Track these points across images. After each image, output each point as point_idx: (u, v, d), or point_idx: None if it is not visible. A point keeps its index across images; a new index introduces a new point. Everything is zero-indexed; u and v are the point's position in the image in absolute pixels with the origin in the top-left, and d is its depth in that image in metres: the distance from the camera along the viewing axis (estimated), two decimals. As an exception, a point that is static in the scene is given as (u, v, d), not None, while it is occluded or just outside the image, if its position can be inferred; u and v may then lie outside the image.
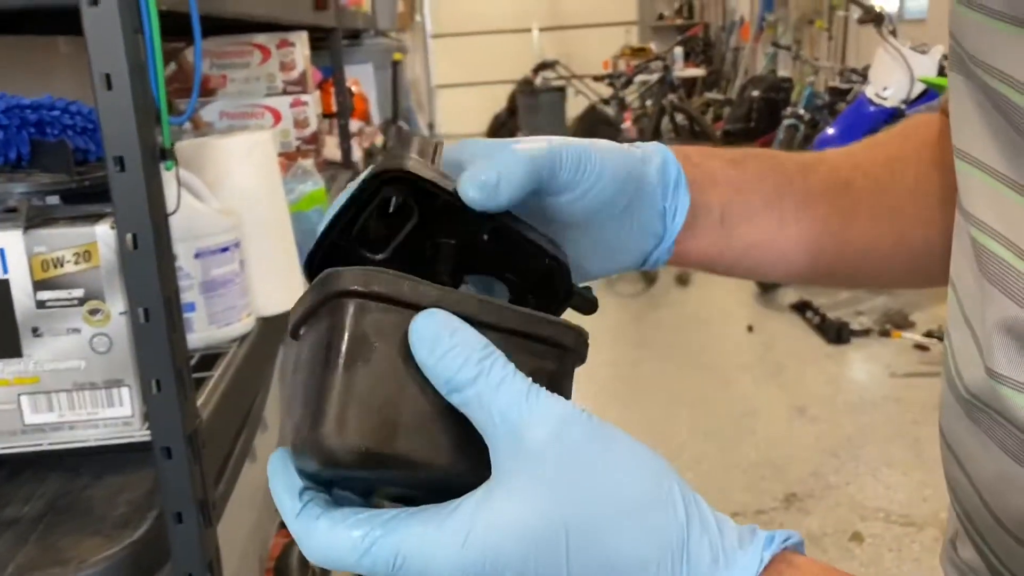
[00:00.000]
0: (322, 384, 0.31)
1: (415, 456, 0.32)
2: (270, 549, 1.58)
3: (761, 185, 0.50)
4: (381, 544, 0.31)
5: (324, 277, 0.33)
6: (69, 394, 0.84)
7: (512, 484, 0.31)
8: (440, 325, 0.32)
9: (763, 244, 0.50)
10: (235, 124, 1.86)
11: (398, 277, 0.33)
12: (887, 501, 2.19)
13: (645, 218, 0.46)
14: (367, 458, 0.31)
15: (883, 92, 3.59)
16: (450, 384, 0.32)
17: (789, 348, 3.27)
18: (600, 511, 0.31)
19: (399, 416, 0.32)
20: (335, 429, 0.31)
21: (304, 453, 0.32)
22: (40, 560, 0.77)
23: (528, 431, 0.31)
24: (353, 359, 0.31)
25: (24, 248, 0.79)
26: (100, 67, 0.71)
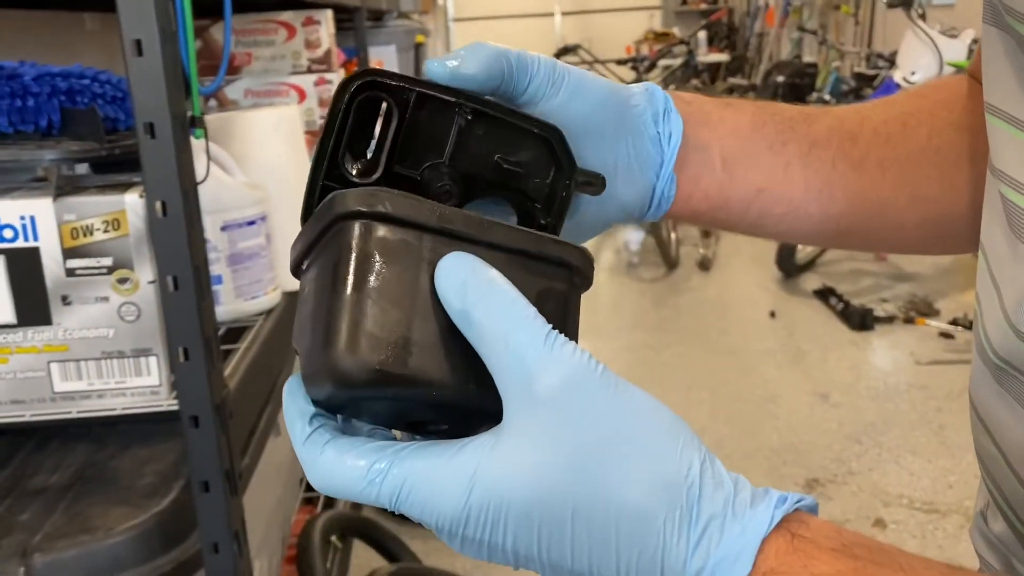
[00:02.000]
0: (332, 305, 0.31)
1: (426, 376, 0.31)
2: (292, 526, 1.58)
3: (762, 129, 0.48)
4: (387, 474, 0.31)
5: (326, 202, 0.33)
6: (98, 362, 0.84)
7: (521, 429, 0.31)
8: (467, 265, 0.32)
9: (769, 190, 0.48)
10: (260, 102, 1.86)
11: (401, 195, 0.32)
12: (910, 488, 2.17)
13: (639, 146, 0.45)
14: (379, 376, 0.30)
15: (911, 76, 3.54)
16: (469, 319, 0.31)
17: (812, 334, 3.24)
18: (609, 461, 0.30)
19: (411, 335, 0.31)
20: (347, 347, 0.30)
21: (317, 376, 0.32)
22: (68, 528, 0.78)
23: (541, 377, 0.31)
24: (362, 279, 0.31)
25: (54, 216, 0.79)
26: (131, 33, 0.71)
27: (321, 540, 1.46)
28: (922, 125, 0.51)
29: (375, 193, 0.32)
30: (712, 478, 0.31)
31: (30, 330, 0.82)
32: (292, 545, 1.53)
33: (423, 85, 0.37)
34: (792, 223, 0.50)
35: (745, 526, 0.30)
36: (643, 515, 0.30)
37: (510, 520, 0.30)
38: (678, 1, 10.04)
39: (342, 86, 0.36)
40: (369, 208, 0.32)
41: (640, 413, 0.31)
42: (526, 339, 0.31)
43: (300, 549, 1.45)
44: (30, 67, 0.84)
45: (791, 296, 3.65)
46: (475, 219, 0.33)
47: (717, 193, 0.48)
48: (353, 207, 0.32)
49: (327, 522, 1.53)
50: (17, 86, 0.80)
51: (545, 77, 0.41)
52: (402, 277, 0.32)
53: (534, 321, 0.31)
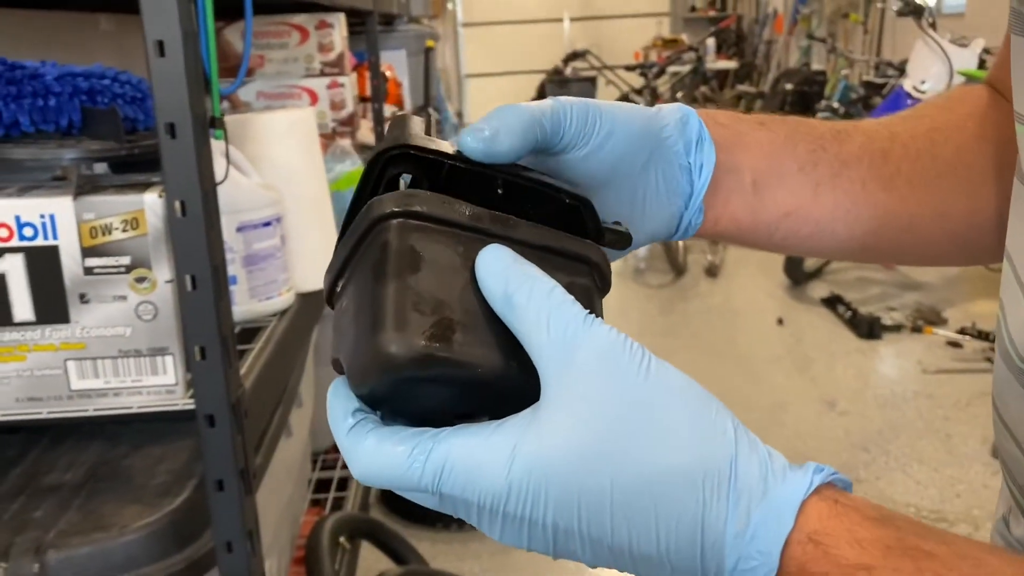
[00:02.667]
0: (377, 295, 0.32)
1: (470, 356, 0.32)
2: (300, 526, 1.59)
3: (794, 149, 0.49)
4: (429, 455, 0.32)
5: (362, 213, 0.34)
6: (114, 361, 0.85)
7: (560, 402, 0.31)
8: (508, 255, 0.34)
9: (798, 212, 0.49)
10: (272, 104, 1.87)
11: (433, 196, 0.34)
12: (918, 497, 2.17)
13: (669, 176, 0.45)
14: (426, 357, 0.31)
15: (921, 85, 3.54)
16: (511, 303, 0.33)
17: (819, 342, 3.24)
18: (646, 429, 0.31)
19: (454, 318, 0.33)
20: (395, 329, 0.31)
21: (365, 365, 0.32)
22: (82, 525, 0.78)
23: (579, 352, 0.32)
24: (404, 270, 0.32)
25: (74, 214, 0.80)
26: (153, 34, 0.71)
27: (330, 541, 1.46)
28: (949, 141, 0.51)
29: (409, 194, 0.34)
30: (747, 443, 0.32)
31: (48, 328, 0.83)
32: (301, 546, 1.53)
33: (455, 159, 0.37)
34: (817, 243, 0.50)
35: (785, 488, 0.31)
36: (681, 479, 0.31)
37: (551, 492, 0.31)
38: (687, 7, 10.05)
39: (375, 157, 0.36)
40: (405, 208, 0.34)
41: (673, 384, 0.32)
42: (566, 319, 0.32)
43: (309, 550, 1.45)
44: (51, 67, 0.84)
45: (799, 303, 3.65)
46: (502, 217, 0.35)
47: (745, 215, 0.48)
48: (389, 208, 0.33)
49: (336, 523, 1.53)
50: (39, 85, 0.81)
51: (577, 129, 0.41)
52: (440, 268, 0.33)
53: (573, 304, 0.33)
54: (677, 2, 10.06)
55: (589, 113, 0.41)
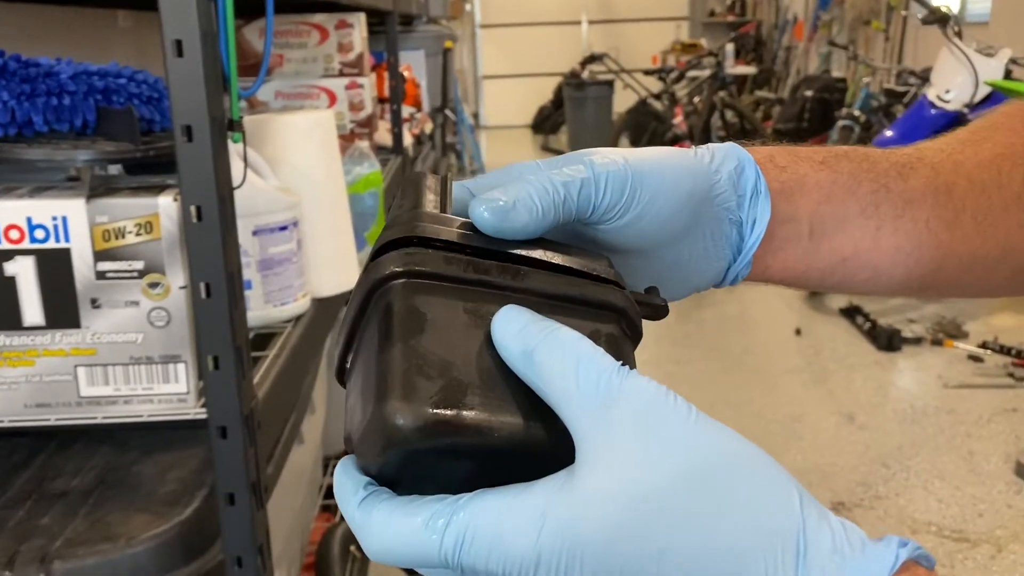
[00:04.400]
0: (382, 362, 0.30)
1: (486, 420, 0.29)
2: (311, 533, 1.57)
3: (856, 190, 0.45)
4: (449, 522, 0.29)
5: (362, 277, 0.33)
6: (125, 368, 0.83)
7: (598, 463, 0.28)
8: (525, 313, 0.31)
9: (856, 258, 0.46)
10: (290, 104, 1.85)
11: (434, 253, 0.32)
12: (939, 515, 2.13)
13: (718, 233, 0.42)
14: (435, 428, 0.29)
15: (945, 95, 3.49)
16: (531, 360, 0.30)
17: (838, 353, 3.19)
18: (700, 495, 0.28)
19: (465, 380, 0.30)
20: (398, 400, 0.29)
21: (371, 437, 0.30)
22: (89, 535, 0.76)
23: (616, 407, 0.29)
24: (409, 332, 0.30)
25: (86, 217, 0.78)
26: (172, 33, 0.69)
27: (340, 550, 1.44)
28: (1016, 168, 0.48)
29: (409, 254, 0.32)
30: (815, 512, 0.28)
31: (58, 332, 0.81)
32: (311, 552, 1.51)
33: (465, 245, 0.34)
34: (873, 286, 0.47)
35: (866, 562, 0.27)
36: (741, 554, 0.27)
37: (586, 563, 0.28)
38: (706, 12, 10.02)
39: (379, 249, 0.34)
40: (405, 267, 0.32)
41: (727, 445, 0.29)
42: (597, 370, 0.29)
43: (319, 559, 1.43)
44: (66, 65, 0.82)
45: (816, 313, 3.61)
46: (510, 269, 0.33)
47: (798, 264, 0.45)
48: (389, 269, 0.32)
49: (346, 532, 1.51)
50: (53, 84, 0.79)
51: (613, 202, 0.37)
52: (447, 328, 0.31)
53: (603, 356, 0.30)
54: (696, 6, 10.02)
55: (628, 183, 0.37)
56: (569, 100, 8.27)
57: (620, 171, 0.37)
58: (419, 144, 3.04)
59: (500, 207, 0.34)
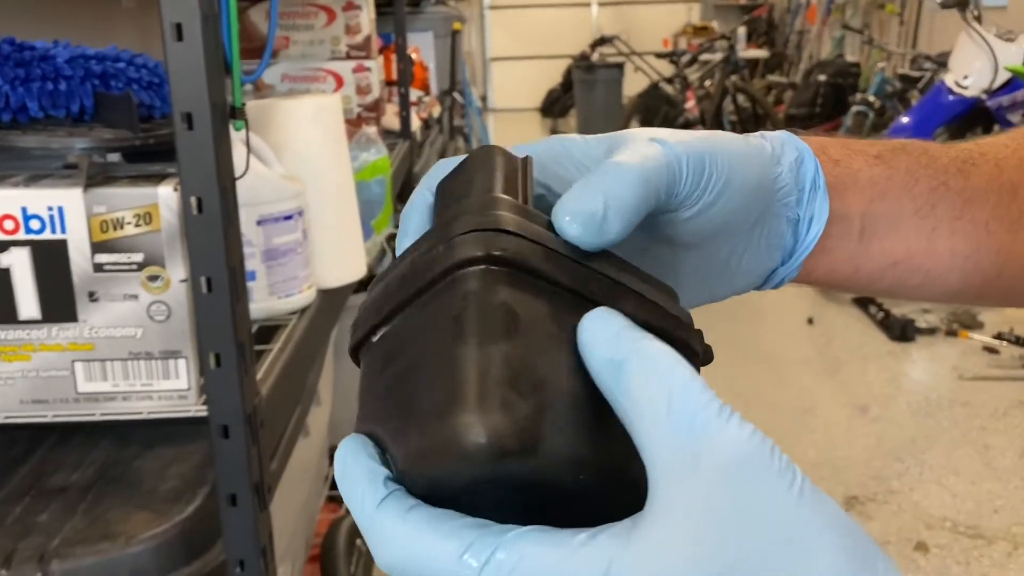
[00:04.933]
0: (458, 364, 0.25)
1: (578, 457, 0.26)
2: (316, 524, 1.55)
3: (913, 187, 0.41)
4: (491, 558, 0.25)
5: (434, 252, 0.27)
6: (124, 363, 0.80)
7: (676, 515, 0.24)
8: (619, 319, 0.27)
9: (909, 260, 0.42)
10: (296, 87, 1.82)
11: (529, 244, 0.27)
12: (954, 511, 2.10)
13: (774, 230, 0.38)
14: (525, 455, 0.24)
15: (963, 80, 3.43)
16: (619, 373, 0.26)
17: (850, 343, 3.15)
18: (793, 569, 0.24)
19: (556, 400, 0.26)
20: (486, 414, 0.24)
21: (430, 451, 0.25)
22: (88, 533, 0.74)
23: (708, 453, 0.24)
24: (496, 331, 0.26)
25: (84, 207, 0.75)
26: (171, 16, 0.66)
27: (346, 544, 1.42)
28: None
29: (497, 238, 0.27)
30: None
31: (55, 327, 0.78)
32: (316, 544, 1.49)
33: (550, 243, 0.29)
34: (926, 292, 0.43)
35: None
36: None
37: None
38: (718, -5, 9.91)
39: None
40: (495, 252, 0.27)
41: (827, 522, 0.25)
42: (694, 405, 0.25)
43: (324, 553, 1.41)
44: (63, 48, 0.79)
45: (829, 303, 3.56)
46: (607, 283, 0.29)
47: (846, 266, 0.41)
48: (475, 251, 0.27)
49: (352, 526, 1.49)
50: (49, 68, 0.76)
51: (692, 187, 0.33)
52: (540, 335, 0.26)
53: (704, 389, 0.25)
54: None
55: (706, 165, 0.33)
56: (579, 83, 8.20)
57: (697, 153, 0.33)
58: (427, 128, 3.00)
59: (591, 217, 0.29)
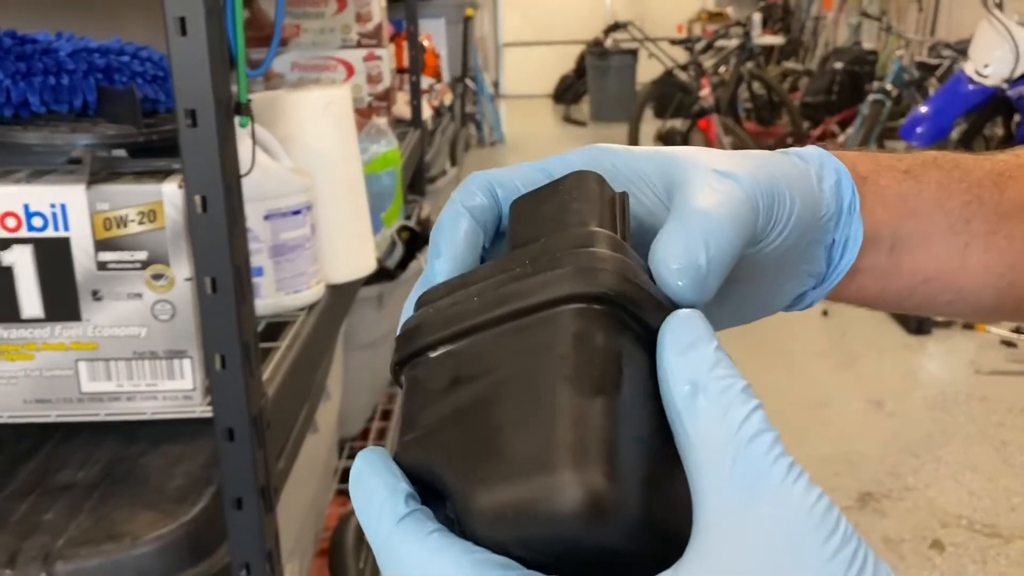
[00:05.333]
0: (554, 411, 0.23)
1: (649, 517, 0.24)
2: (325, 520, 1.54)
3: (945, 203, 0.39)
4: None
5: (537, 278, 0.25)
6: (128, 363, 0.79)
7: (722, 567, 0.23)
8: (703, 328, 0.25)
9: (940, 278, 0.40)
10: (306, 76, 1.79)
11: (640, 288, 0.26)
12: (970, 508, 2.07)
13: (812, 256, 0.36)
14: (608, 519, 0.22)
15: (983, 69, 3.37)
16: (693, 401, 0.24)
17: (866, 336, 3.12)
18: None
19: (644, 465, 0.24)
20: (580, 477, 0.22)
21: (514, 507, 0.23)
22: (93, 533, 0.73)
23: (763, 506, 0.23)
24: (610, 383, 0.24)
25: (87, 204, 0.73)
26: (175, 10, 0.64)
27: (354, 540, 1.41)
28: None
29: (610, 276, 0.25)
30: None
31: (58, 326, 0.77)
32: (326, 538, 1.48)
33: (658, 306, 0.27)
34: (959, 309, 0.41)
35: None
36: None
37: None
38: (733, -20, 9.80)
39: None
40: (614, 290, 0.25)
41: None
42: (763, 462, 0.23)
43: (333, 548, 1.40)
44: (66, 41, 0.77)
45: (843, 294, 3.53)
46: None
47: (875, 284, 0.39)
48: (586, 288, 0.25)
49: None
50: (51, 62, 0.74)
51: (763, 223, 0.32)
52: (633, 388, 0.24)
53: (776, 443, 0.24)
54: (723, -26, 9.81)
55: (775, 199, 0.32)
56: (592, 69, 8.14)
57: (768, 187, 0.31)
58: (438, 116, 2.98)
59: (697, 271, 0.27)
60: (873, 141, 4.56)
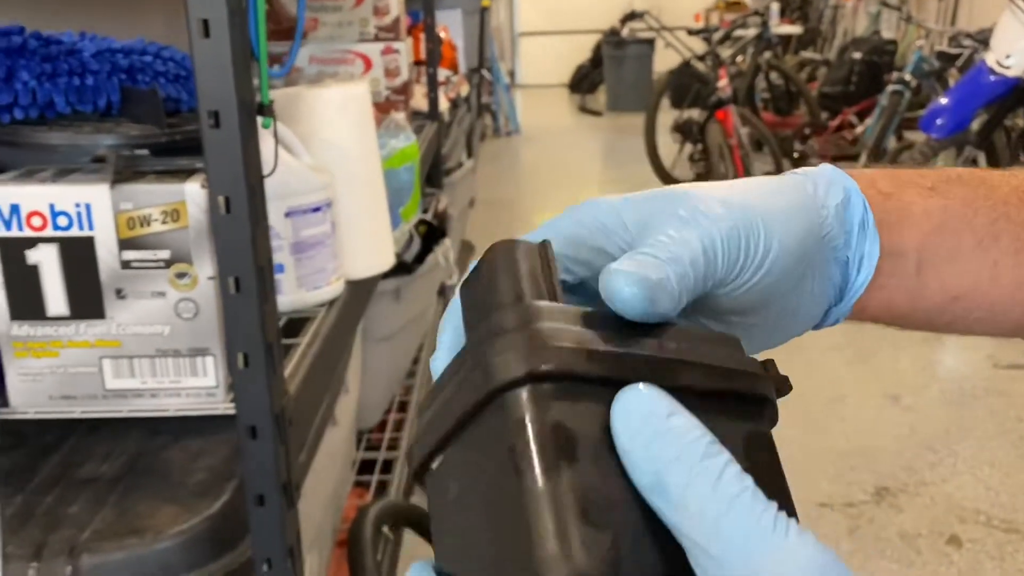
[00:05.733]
0: (523, 503, 0.23)
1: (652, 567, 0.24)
2: (343, 512, 1.55)
3: (972, 221, 0.39)
4: None
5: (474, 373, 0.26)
6: (152, 360, 0.79)
7: None
8: (651, 404, 0.24)
9: (969, 296, 0.40)
10: (325, 70, 1.80)
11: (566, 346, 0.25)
12: (988, 504, 2.06)
13: (824, 274, 0.36)
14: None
15: (1006, 60, 3.33)
16: (663, 488, 0.24)
17: (883, 330, 3.06)
18: None
19: (625, 526, 0.24)
20: (561, 562, 0.22)
21: None
22: (117, 526, 0.74)
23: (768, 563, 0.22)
24: (554, 460, 0.24)
25: (111, 204, 0.74)
26: (198, 12, 0.64)
27: (372, 532, 1.42)
28: None
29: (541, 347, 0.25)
30: None
31: (83, 323, 0.78)
32: (344, 529, 1.49)
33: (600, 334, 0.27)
34: (990, 327, 0.41)
35: None
36: None
37: None
38: (751, -31, 9.72)
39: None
40: (538, 369, 0.25)
41: None
42: (747, 522, 0.23)
43: (351, 541, 1.41)
44: (90, 42, 0.77)
45: (861, 287, 3.51)
46: (660, 362, 0.26)
47: (903, 302, 0.39)
48: (516, 372, 0.25)
49: (379, 513, 1.48)
50: (76, 63, 0.74)
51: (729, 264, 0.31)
52: (594, 450, 0.24)
53: (757, 498, 0.23)
54: (741, -37, 9.73)
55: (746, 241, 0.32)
56: (608, 59, 8.11)
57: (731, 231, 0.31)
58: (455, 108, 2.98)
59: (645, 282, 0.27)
60: (892, 132, 4.52)
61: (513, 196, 4.98)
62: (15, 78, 0.71)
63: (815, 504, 2.05)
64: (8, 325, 0.76)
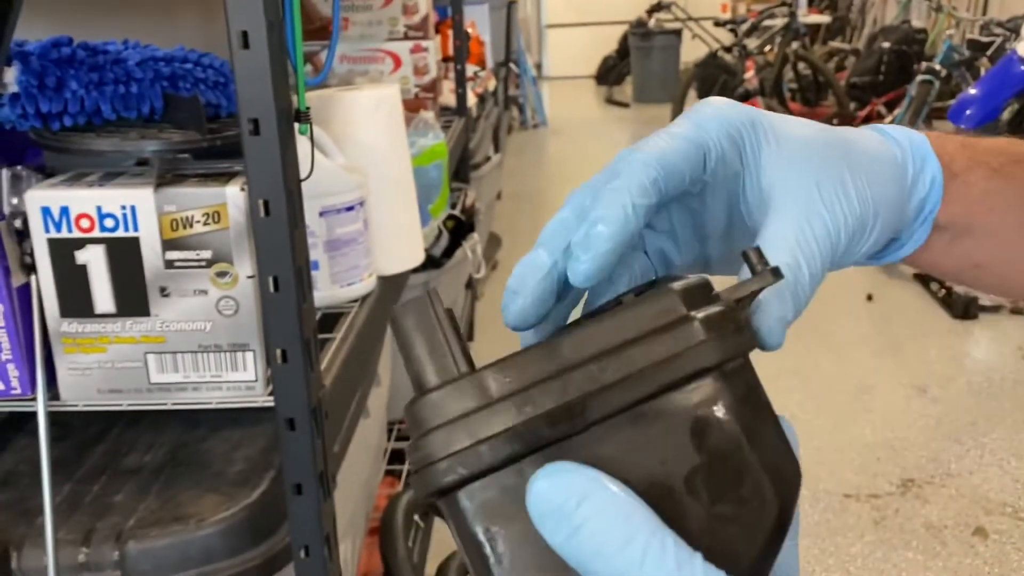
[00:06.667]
0: None
1: None
2: (375, 500, 1.58)
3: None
4: None
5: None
6: (194, 355, 0.83)
7: None
8: (562, 492, 0.24)
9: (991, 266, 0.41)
10: (355, 68, 1.83)
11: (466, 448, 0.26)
12: (1015, 496, 2.06)
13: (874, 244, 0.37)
14: None
15: (1037, 49, 3.30)
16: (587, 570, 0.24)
17: (911, 321, 3.09)
18: None
19: None
20: None
21: None
22: (161, 514, 0.77)
23: None
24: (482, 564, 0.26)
25: (155, 206, 0.77)
26: (238, 24, 0.67)
27: (404, 520, 1.45)
28: None
29: (431, 474, 0.26)
30: None
31: (128, 320, 0.81)
32: (375, 518, 1.53)
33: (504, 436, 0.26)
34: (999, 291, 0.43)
35: None
36: None
37: None
38: (779, -43, 9.61)
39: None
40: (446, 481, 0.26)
41: None
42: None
43: (383, 529, 1.45)
44: (133, 50, 0.81)
45: (890, 279, 3.49)
46: (564, 409, 0.26)
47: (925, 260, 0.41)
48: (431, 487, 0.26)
49: (410, 502, 1.52)
50: (120, 72, 0.78)
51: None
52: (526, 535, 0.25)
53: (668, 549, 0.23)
54: (769, -49, 9.63)
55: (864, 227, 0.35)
56: (635, 50, 8.07)
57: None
58: (482, 102, 3.00)
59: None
60: (921, 122, 4.48)
61: (540, 188, 5.00)
62: (65, 87, 0.75)
63: (840, 495, 2.06)
64: (58, 322, 0.80)
